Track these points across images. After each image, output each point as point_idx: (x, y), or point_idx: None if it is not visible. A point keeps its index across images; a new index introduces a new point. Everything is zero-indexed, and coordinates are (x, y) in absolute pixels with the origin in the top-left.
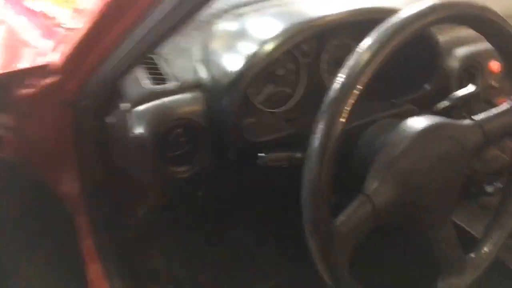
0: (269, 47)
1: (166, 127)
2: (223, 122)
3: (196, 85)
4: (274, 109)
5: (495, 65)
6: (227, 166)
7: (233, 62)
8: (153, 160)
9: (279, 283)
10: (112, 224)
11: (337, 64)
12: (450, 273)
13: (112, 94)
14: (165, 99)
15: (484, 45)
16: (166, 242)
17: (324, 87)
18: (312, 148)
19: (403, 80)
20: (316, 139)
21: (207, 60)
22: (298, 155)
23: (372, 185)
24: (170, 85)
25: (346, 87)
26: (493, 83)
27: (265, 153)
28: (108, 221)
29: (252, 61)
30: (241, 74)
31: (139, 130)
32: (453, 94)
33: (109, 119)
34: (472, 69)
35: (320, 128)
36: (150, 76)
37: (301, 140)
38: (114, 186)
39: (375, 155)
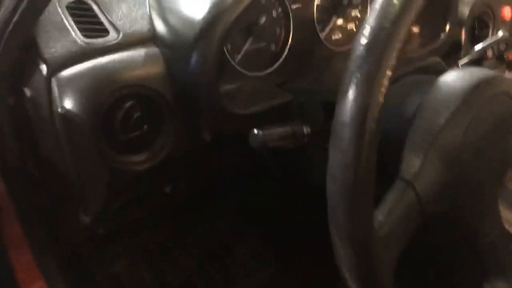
0: None
1: (109, 99)
2: (193, 89)
3: (148, 38)
4: (257, 71)
5: (508, 12)
6: (201, 150)
7: (199, 5)
8: (93, 147)
9: (261, 280)
10: (54, 233)
11: (332, 12)
12: (497, 275)
13: (26, 52)
14: (104, 58)
15: None
16: (127, 242)
17: (318, 42)
18: (346, 121)
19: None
20: (351, 106)
21: (162, 6)
22: (306, 129)
23: (412, 166)
24: (111, 38)
25: (393, 26)
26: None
27: (257, 129)
28: (48, 229)
29: (225, 3)
30: (213, 21)
31: (67, 105)
32: (482, 43)
33: (29, 91)
34: (484, 15)
35: (355, 89)
36: (80, 26)
37: (302, 110)
38: (48, 184)
39: (408, 124)
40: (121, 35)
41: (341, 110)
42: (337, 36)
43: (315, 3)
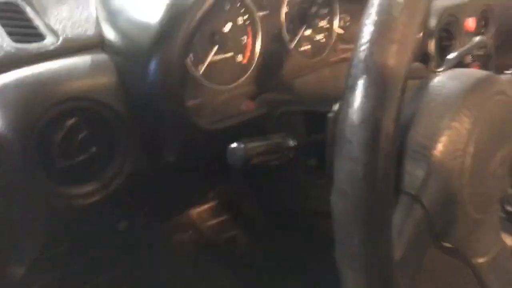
0: None
1: (46, 115)
2: (153, 102)
3: (95, 43)
4: (224, 84)
5: (472, 23)
6: (163, 176)
7: (154, 7)
8: (25, 177)
9: None
10: None
11: (300, 22)
12: None
13: None
14: (40, 66)
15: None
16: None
17: (287, 53)
18: (356, 122)
19: None
20: (363, 104)
21: (110, 8)
22: (292, 142)
23: (415, 178)
24: (48, 43)
25: None
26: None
27: (237, 143)
28: None
29: (184, 6)
30: (173, 23)
31: None
32: (461, 49)
33: None
34: (450, 26)
35: (367, 82)
36: (9, 30)
37: (279, 123)
38: None
39: (404, 132)
40: (60, 39)
41: (349, 110)
42: (305, 47)
43: (284, 11)
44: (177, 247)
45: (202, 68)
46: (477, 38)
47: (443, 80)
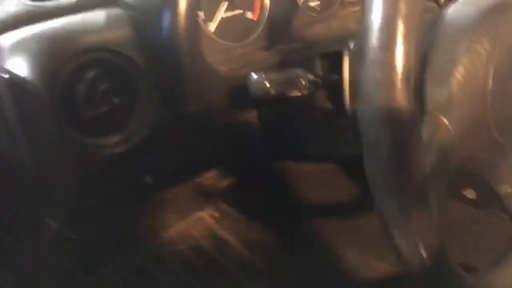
0: None
1: (68, 65)
2: (169, 53)
3: (109, 0)
4: (235, 41)
5: None
6: (185, 128)
7: None
8: (53, 127)
9: None
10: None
11: None
12: None
13: None
14: (59, 21)
15: None
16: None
17: (297, 9)
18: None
19: None
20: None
21: None
22: (310, 75)
23: (439, 98)
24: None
25: None
26: None
27: (256, 75)
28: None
29: None
30: None
31: (15, 70)
32: None
33: None
34: None
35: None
36: None
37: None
38: None
39: (425, 59)
40: None
41: (371, 33)
42: (314, 2)
43: None
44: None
45: (214, 26)
46: None
47: (458, 7)
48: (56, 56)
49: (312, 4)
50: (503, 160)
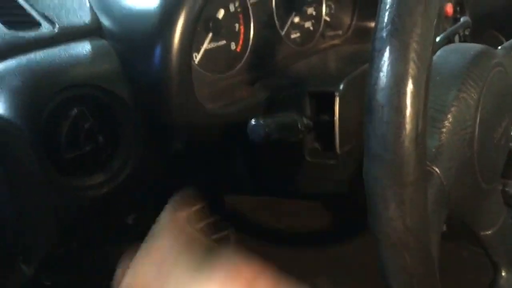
0: None
1: (51, 103)
2: (158, 88)
3: (92, 30)
4: (218, 73)
5: (450, 9)
6: (171, 166)
7: None
8: (33, 167)
9: None
10: None
11: (290, 8)
12: (508, 267)
13: None
14: (40, 53)
15: None
16: None
17: (280, 40)
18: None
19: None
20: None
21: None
22: (305, 120)
23: (429, 150)
24: (45, 30)
25: None
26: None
27: (255, 120)
28: None
29: None
30: (177, 7)
31: None
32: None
33: None
34: None
35: (393, 42)
36: (5, 18)
37: (285, 105)
38: None
39: None
40: (57, 26)
41: (379, 74)
42: (295, 34)
43: None
44: None
45: (198, 57)
46: (462, 19)
47: (444, 54)
48: (37, 92)
49: (293, 36)
50: (487, 205)
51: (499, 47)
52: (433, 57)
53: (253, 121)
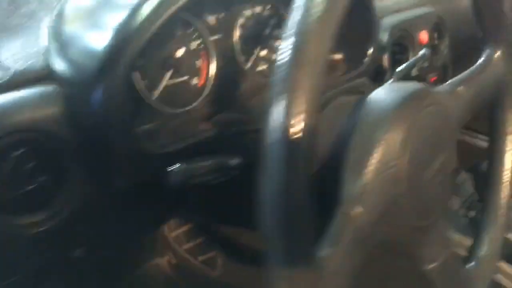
0: (147, 10)
1: None
2: (101, 129)
3: (44, 76)
4: (179, 108)
5: (425, 36)
6: (115, 202)
7: (102, 36)
8: None
9: None
10: None
11: (255, 43)
12: None
13: None
14: None
15: (412, 13)
16: None
17: (243, 74)
18: (276, 143)
19: (343, 56)
20: (277, 120)
21: (62, 39)
22: (232, 161)
23: (355, 186)
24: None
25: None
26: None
27: (178, 165)
28: None
29: (129, 31)
30: (117, 50)
31: None
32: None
33: None
34: (404, 40)
35: (280, 99)
36: None
37: (231, 142)
38: None
39: (346, 146)
40: (10, 73)
41: (269, 128)
42: (262, 67)
43: (236, 34)
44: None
45: (157, 93)
46: (421, 52)
47: (381, 93)
48: None
49: (260, 68)
50: (424, 240)
51: (446, 83)
52: (370, 96)
53: (172, 167)
